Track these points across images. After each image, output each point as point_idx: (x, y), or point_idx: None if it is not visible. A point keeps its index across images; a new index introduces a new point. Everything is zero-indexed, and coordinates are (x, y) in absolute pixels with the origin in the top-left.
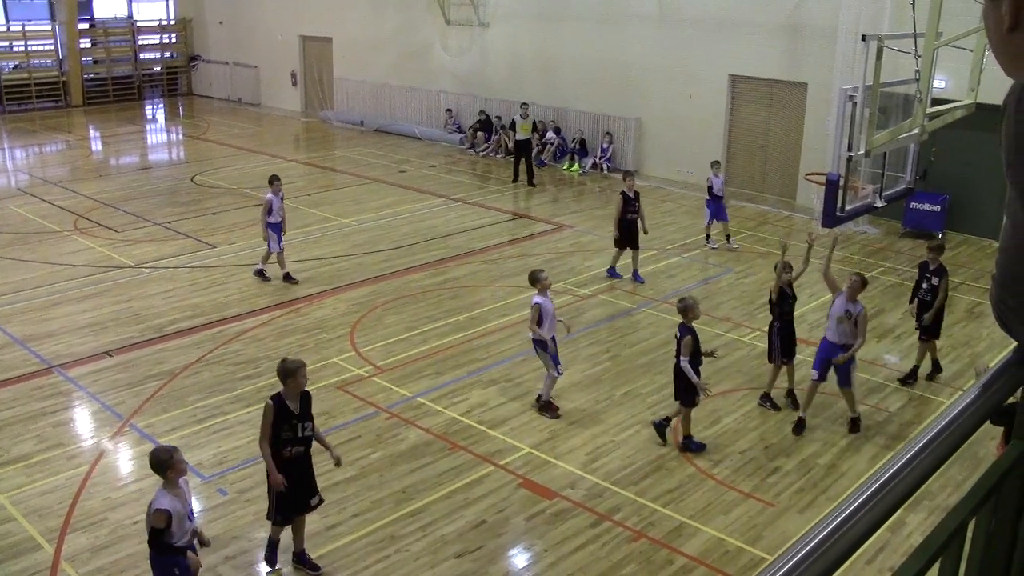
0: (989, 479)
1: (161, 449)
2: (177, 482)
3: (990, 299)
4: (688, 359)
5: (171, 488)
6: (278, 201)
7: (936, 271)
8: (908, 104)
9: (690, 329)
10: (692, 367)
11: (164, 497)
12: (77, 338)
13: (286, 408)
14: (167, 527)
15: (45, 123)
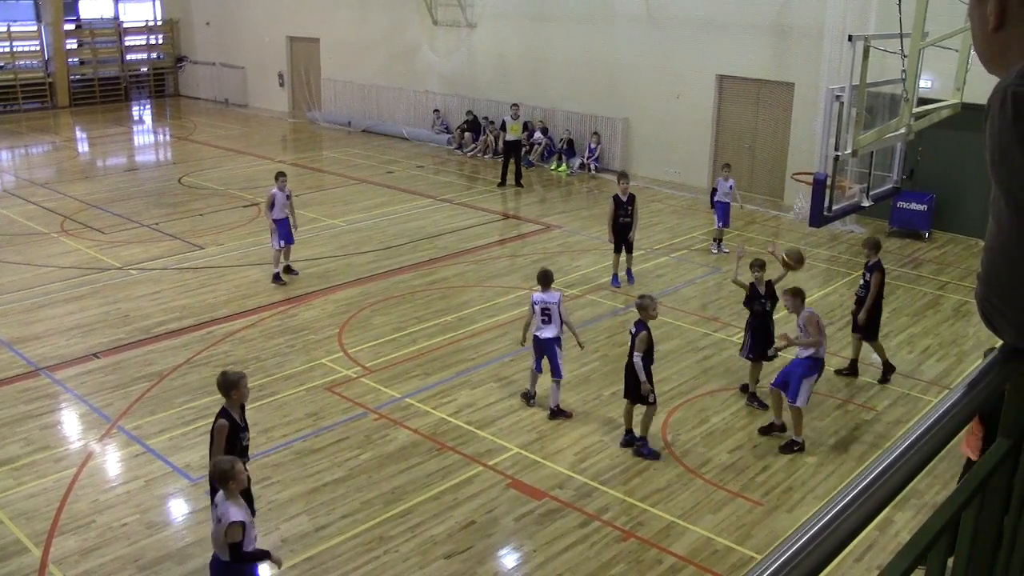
0: (976, 477)
1: (224, 460)
2: (237, 492)
3: (976, 298)
4: (642, 356)
5: (233, 499)
6: (282, 196)
7: (870, 267)
8: (894, 104)
9: (646, 326)
10: (644, 366)
11: (232, 508)
12: (64, 340)
13: (235, 421)
14: (244, 538)
15: (31, 124)
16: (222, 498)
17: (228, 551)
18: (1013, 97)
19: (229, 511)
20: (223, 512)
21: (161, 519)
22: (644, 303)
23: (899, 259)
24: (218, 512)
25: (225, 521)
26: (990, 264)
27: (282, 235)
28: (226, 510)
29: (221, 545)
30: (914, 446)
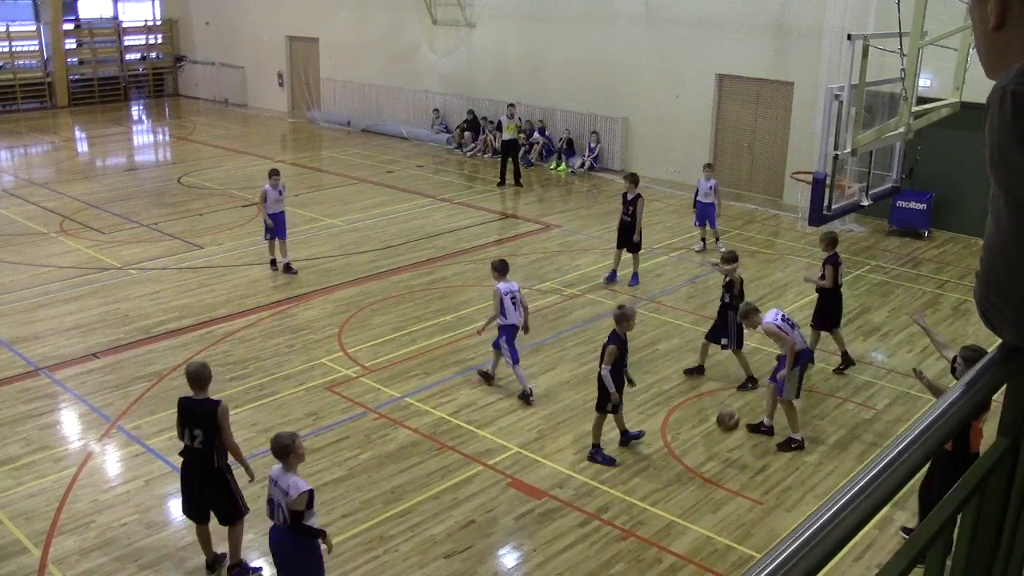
0: (975, 476)
1: (284, 435)
2: (296, 468)
3: (975, 296)
4: (611, 368)
5: (294, 472)
6: (274, 193)
7: (826, 260)
8: (894, 103)
9: (619, 339)
10: (612, 377)
11: (299, 479)
12: (64, 340)
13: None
14: (310, 507)
15: (30, 124)
16: (281, 471)
17: (291, 518)
18: (1012, 96)
19: (298, 481)
20: (290, 483)
21: (161, 519)
22: (624, 313)
23: (898, 258)
24: (283, 484)
25: (295, 490)
26: (989, 263)
27: (277, 230)
28: (294, 481)
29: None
30: (913, 445)
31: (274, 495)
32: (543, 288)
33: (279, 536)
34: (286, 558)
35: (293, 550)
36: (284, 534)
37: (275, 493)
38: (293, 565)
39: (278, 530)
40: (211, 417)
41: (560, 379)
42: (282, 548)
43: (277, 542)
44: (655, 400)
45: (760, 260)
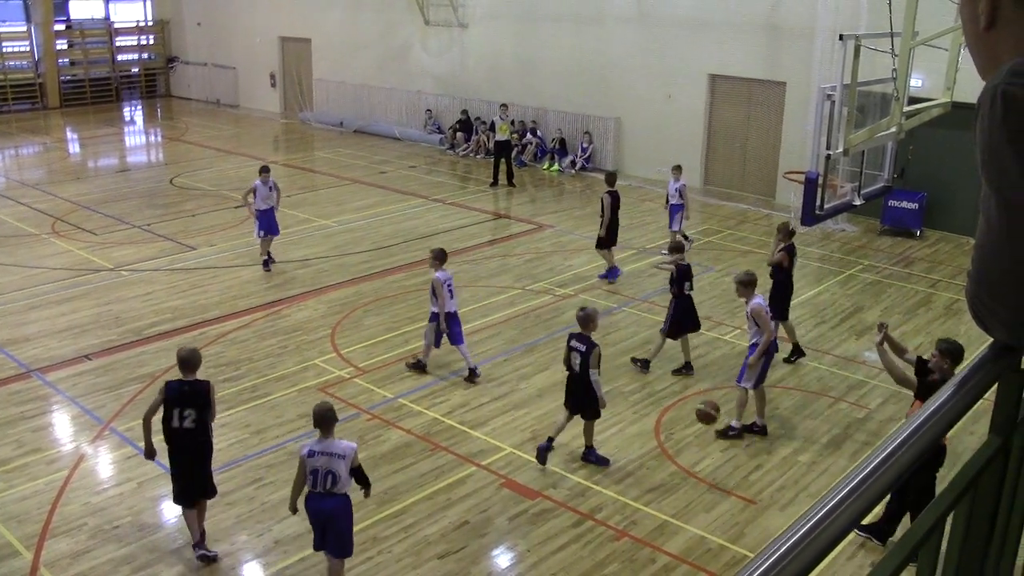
0: (966, 475)
1: (326, 405)
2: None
3: (966, 296)
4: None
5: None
6: (264, 189)
7: (782, 249)
8: (885, 103)
9: (594, 341)
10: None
11: (344, 440)
12: (56, 342)
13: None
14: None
15: (21, 125)
16: (323, 441)
17: (353, 476)
18: (1003, 96)
19: (345, 443)
20: (342, 447)
21: (154, 521)
22: (589, 314)
23: (891, 257)
24: (336, 450)
25: (351, 450)
26: (981, 262)
27: (263, 225)
28: (344, 444)
29: (345, 480)
30: (906, 443)
31: (320, 464)
32: (536, 288)
33: (325, 501)
34: (335, 517)
35: (344, 507)
36: (330, 497)
37: (322, 462)
38: (342, 522)
39: (323, 497)
40: (204, 396)
41: (554, 379)
42: (330, 509)
43: (324, 507)
44: (648, 400)
45: (753, 260)
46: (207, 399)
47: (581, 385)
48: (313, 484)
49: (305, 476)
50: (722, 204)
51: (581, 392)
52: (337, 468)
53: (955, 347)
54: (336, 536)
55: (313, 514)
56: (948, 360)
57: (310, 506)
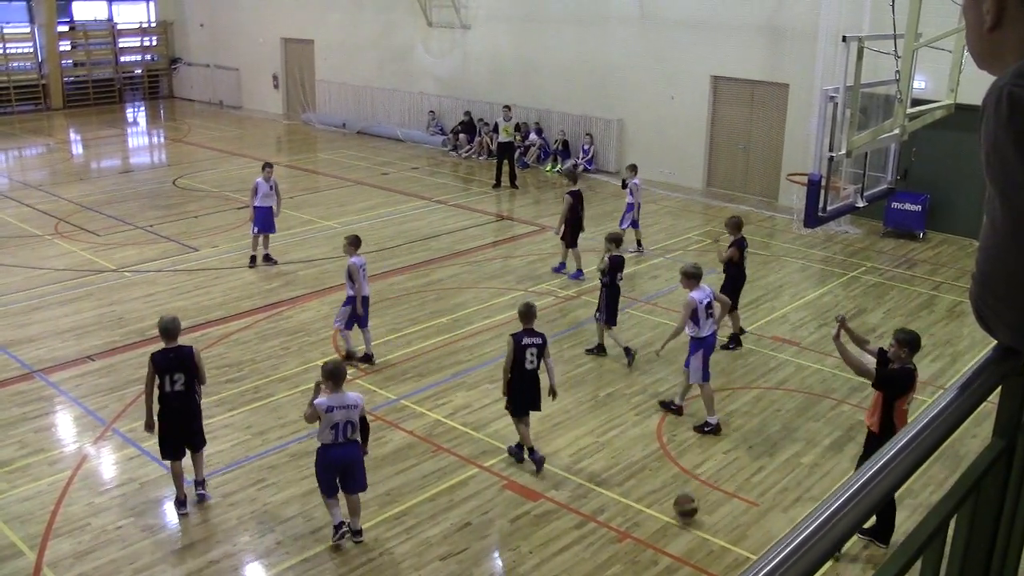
0: (969, 477)
1: (337, 362)
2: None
3: (970, 298)
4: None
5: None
6: (265, 186)
7: (732, 243)
8: (888, 105)
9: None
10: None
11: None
12: (59, 343)
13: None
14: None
15: (25, 126)
16: (335, 396)
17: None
18: (1008, 97)
19: (352, 394)
20: (355, 398)
21: (156, 522)
22: (533, 306)
23: (894, 259)
24: (349, 402)
25: (360, 399)
26: (985, 264)
27: (259, 223)
28: (354, 395)
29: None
30: (908, 446)
31: (340, 418)
32: (538, 290)
33: (347, 449)
34: (355, 463)
35: (359, 453)
36: (351, 445)
37: (341, 415)
38: (361, 463)
39: (345, 445)
40: (190, 359)
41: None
42: (351, 456)
43: (347, 454)
44: (651, 402)
45: (756, 262)
46: (193, 362)
47: (535, 382)
48: (335, 436)
49: (323, 431)
50: (724, 206)
51: (535, 389)
52: (353, 417)
53: (912, 336)
54: (357, 476)
55: (338, 462)
56: (906, 350)
57: (334, 455)
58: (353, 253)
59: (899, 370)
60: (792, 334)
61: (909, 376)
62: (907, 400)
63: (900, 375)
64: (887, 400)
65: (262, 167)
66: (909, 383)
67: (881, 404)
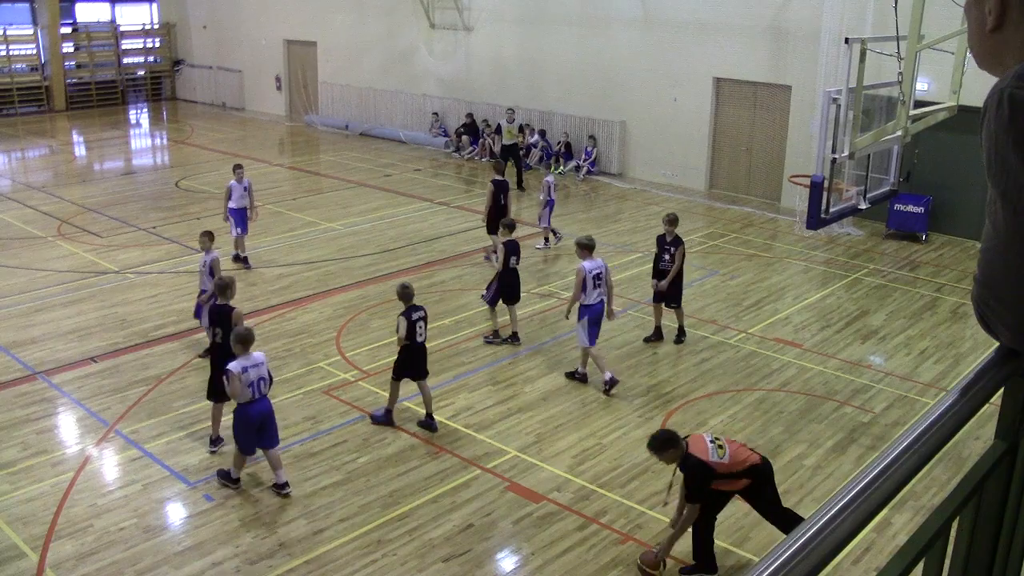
0: (972, 479)
1: (245, 328)
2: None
3: (972, 300)
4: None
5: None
6: (239, 188)
7: (673, 242)
8: (891, 106)
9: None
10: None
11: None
12: (61, 344)
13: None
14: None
15: (28, 128)
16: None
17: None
18: (1010, 99)
19: (258, 354)
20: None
21: (159, 523)
22: (411, 289)
23: (896, 261)
24: (257, 360)
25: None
26: (987, 266)
27: (238, 223)
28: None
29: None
30: (911, 448)
31: (253, 375)
32: (540, 292)
33: (264, 403)
34: (270, 417)
35: (272, 407)
36: (265, 399)
37: (254, 373)
38: (273, 419)
39: (261, 401)
40: (227, 318)
41: (558, 383)
42: (267, 410)
43: (264, 408)
44: (654, 403)
45: (758, 263)
46: (229, 321)
47: (424, 352)
48: (253, 393)
49: (242, 391)
50: (727, 208)
51: (423, 359)
52: (264, 373)
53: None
54: (272, 430)
55: (256, 417)
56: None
57: (253, 411)
58: (209, 245)
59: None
60: (795, 336)
61: (705, 472)
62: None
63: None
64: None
65: (233, 169)
66: (708, 478)
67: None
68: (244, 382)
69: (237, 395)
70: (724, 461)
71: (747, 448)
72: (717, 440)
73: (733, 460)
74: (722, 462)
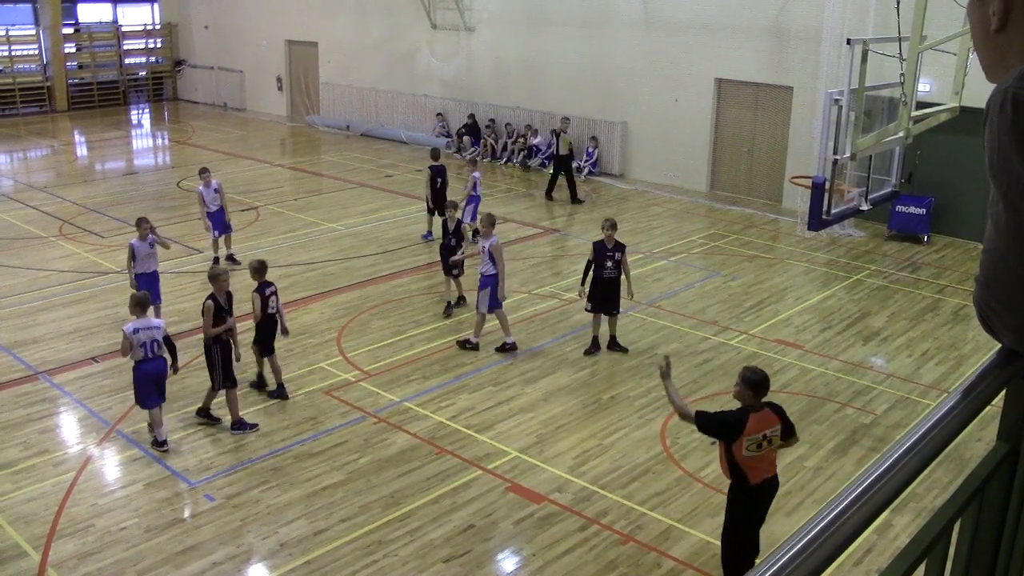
0: (974, 481)
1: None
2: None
3: (974, 301)
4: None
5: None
6: (208, 192)
7: (616, 247)
8: (893, 107)
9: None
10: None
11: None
12: (63, 344)
13: (219, 303)
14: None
15: (30, 128)
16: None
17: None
18: (1013, 100)
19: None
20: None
21: (160, 523)
22: (264, 264)
23: (898, 263)
24: (153, 325)
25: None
26: (989, 267)
27: (216, 226)
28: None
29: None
30: (912, 450)
31: (144, 337)
32: (542, 292)
33: (156, 363)
34: (163, 376)
35: (166, 367)
36: (159, 360)
37: (145, 335)
38: (164, 375)
39: (154, 360)
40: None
41: (559, 383)
42: (160, 369)
43: (157, 367)
44: (654, 405)
45: (759, 264)
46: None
47: (275, 323)
48: (146, 353)
49: (133, 349)
50: (728, 209)
51: (274, 329)
52: (157, 337)
53: (755, 377)
54: (162, 388)
55: (151, 373)
56: (749, 392)
57: (146, 369)
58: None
59: (728, 413)
60: (796, 337)
61: (740, 418)
62: (743, 445)
63: (728, 418)
64: (724, 445)
65: (199, 173)
66: (739, 428)
67: (721, 450)
68: (136, 343)
69: (126, 353)
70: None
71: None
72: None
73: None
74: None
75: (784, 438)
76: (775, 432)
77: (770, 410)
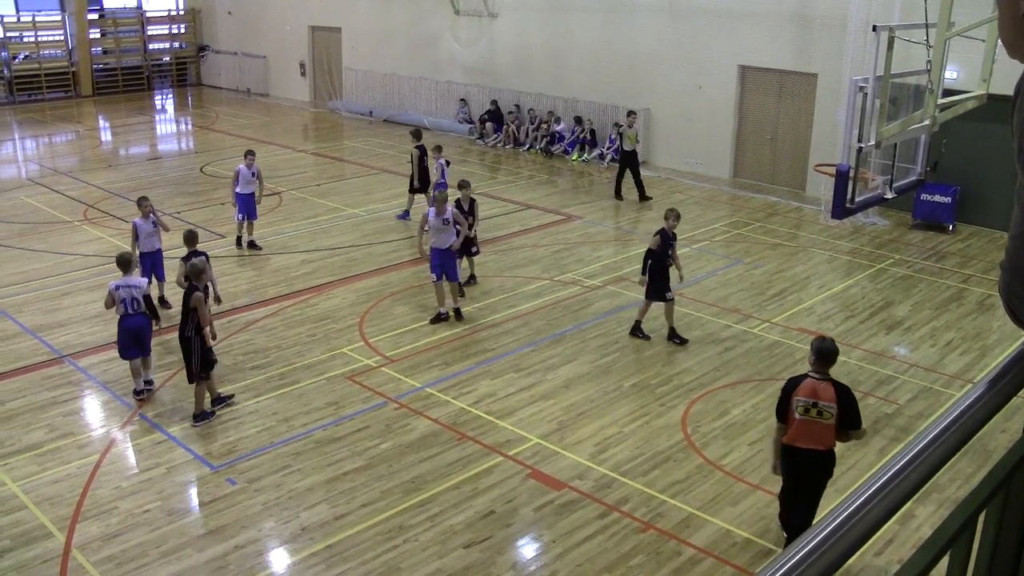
0: (999, 472)
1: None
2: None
3: (999, 289)
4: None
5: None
6: (247, 173)
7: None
8: (919, 95)
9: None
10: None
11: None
12: (88, 328)
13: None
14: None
15: (55, 113)
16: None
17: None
18: None
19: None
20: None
21: (182, 506)
22: (198, 266)
23: (922, 252)
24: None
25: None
26: (1014, 253)
27: (243, 209)
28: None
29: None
30: (936, 440)
31: (124, 294)
32: (564, 279)
33: (137, 318)
34: (144, 330)
35: (148, 323)
36: (140, 315)
37: (125, 292)
38: (148, 331)
39: (135, 316)
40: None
41: (581, 370)
42: (141, 324)
43: (138, 322)
44: (676, 392)
45: (782, 253)
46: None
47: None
48: (126, 309)
49: (115, 304)
50: (752, 196)
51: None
52: (137, 295)
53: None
54: (145, 342)
55: (132, 327)
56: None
57: (128, 323)
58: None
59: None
60: (818, 326)
61: (797, 378)
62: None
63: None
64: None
65: (244, 154)
66: (794, 384)
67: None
68: (117, 298)
69: (109, 306)
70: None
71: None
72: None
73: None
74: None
75: (841, 425)
76: (828, 407)
77: (832, 385)
